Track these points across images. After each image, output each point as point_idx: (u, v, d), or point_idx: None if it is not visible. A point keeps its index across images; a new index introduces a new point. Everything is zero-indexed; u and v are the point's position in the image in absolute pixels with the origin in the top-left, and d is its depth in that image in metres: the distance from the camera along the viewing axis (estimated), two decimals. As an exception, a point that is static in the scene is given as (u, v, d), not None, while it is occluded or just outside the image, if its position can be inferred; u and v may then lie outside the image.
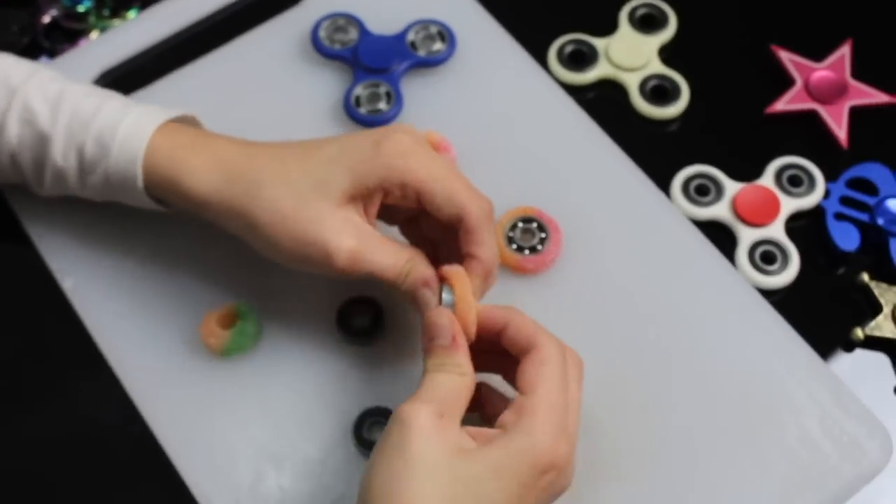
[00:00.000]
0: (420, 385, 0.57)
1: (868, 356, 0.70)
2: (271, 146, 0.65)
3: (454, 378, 0.57)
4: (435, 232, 0.65)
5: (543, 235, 0.70)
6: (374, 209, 0.63)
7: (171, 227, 0.70)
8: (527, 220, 0.70)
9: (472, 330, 0.59)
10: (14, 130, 0.65)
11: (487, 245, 0.62)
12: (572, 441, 0.56)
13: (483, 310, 0.60)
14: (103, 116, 0.64)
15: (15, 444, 0.66)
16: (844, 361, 0.70)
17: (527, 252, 0.70)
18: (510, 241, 0.70)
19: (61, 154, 0.64)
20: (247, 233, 0.63)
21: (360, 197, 0.62)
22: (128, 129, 0.64)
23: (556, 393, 0.56)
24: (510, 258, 0.69)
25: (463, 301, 0.59)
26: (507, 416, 0.56)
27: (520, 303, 0.61)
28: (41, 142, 0.65)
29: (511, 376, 0.59)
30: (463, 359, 0.57)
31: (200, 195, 0.63)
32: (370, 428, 0.64)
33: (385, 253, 0.62)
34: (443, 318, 0.58)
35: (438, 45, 0.78)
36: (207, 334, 0.66)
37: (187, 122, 0.68)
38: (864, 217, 0.73)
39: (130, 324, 0.68)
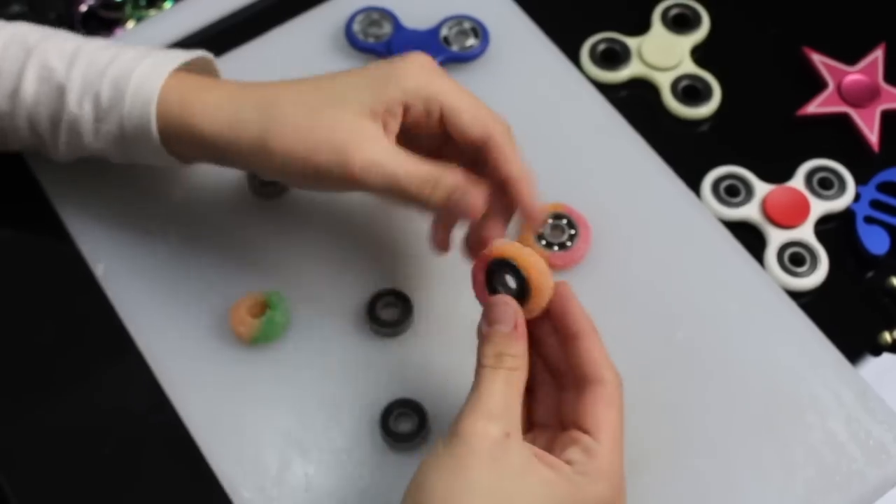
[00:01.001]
0: (476, 388, 0.55)
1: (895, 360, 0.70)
2: (281, 83, 0.63)
3: (512, 378, 0.55)
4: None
5: (573, 232, 0.70)
6: (395, 129, 0.61)
7: (204, 214, 0.71)
8: (557, 217, 0.70)
9: (541, 307, 0.58)
10: (31, 88, 0.65)
11: (518, 161, 0.61)
12: None
13: (565, 306, 0.58)
14: (119, 64, 0.64)
15: (45, 430, 0.67)
16: (872, 365, 0.69)
17: (556, 248, 0.70)
18: (539, 237, 0.70)
19: (76, 102, 0.64)
20: (259, 152, 0.61)
21: (380, 112, 0.60)
22: (142, 74, 0.63)
23: (621, 438, 0.55)
24: (539, 254, 0.69)
25: (536, 280, 0.57)
26: (575, 454, 0.54)
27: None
28: (58, 94, 0.64)
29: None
30: (522, 349, 0.56)
31: (212, 130, 0.62)
32: (397, 419, 0.64)
33: (407, 160, 0.59)
34: (505, 302, 0.57)
35: (471, 41, 0.78)
36: (237, 322, 0.67)
37: (204, 64, 0.68)
38: (894, 221, 0.73)
39: (161, 311, 0.69)
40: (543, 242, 0.70)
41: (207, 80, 0.65)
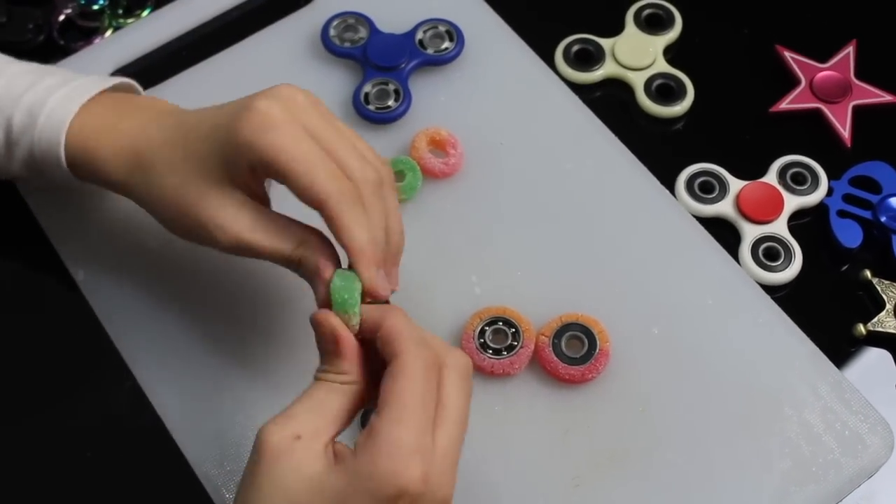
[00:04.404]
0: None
1: (870, 352, 0.71)
2: (171, 122, 0.62)
3: (332, 390, 0.54)
4: None
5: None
6: (260, 183, 0.61)
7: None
8: None
9: (353, 330, 0.55)
10: None
11: (356, 230, 0.56)
12: (437, 462, 0.51)
13: (363, 310, 0.55)
14: (36, 90, 0.64)
15: (26, 434, 0.67)
16: (847, 357, 0.70)
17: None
18: None
19: None
20: (145, 204, 0.63)
21: (238, 176, 0.59)
22: (56, 102, 0.64)
23: (409, 410, 0.50)
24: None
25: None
26: (360, 436, 0.51)
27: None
28: None
29: None
30: (348, 366, 0.54)
31: (110, 182, 0.64)
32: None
33: (271, 236, 0.59)
34: (325, 322, 0.55)
35: (447, 44, 0.79)
36: None
37: (124, 90, 0.68)
38: (866, 214, 0.74)
39: (140, 315, 0.69)
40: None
41: (116, 117, 0.64)
